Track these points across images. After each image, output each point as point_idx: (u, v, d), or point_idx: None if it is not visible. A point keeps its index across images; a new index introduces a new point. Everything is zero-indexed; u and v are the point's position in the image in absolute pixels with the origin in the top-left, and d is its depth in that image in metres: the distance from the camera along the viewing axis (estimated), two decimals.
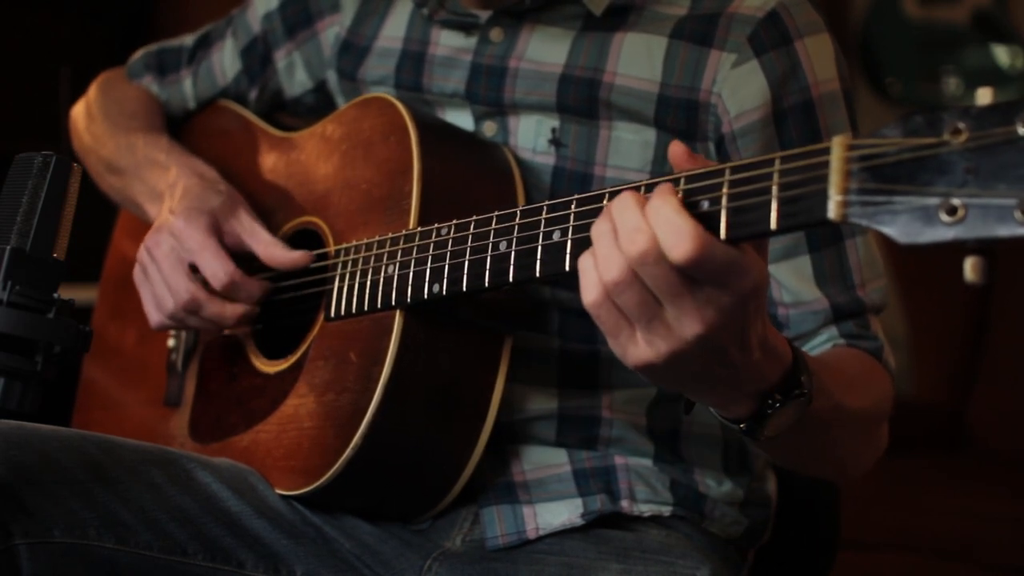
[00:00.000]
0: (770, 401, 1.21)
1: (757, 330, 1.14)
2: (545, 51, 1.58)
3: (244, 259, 1.64)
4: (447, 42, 1.66)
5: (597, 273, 1.11)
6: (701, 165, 1.13)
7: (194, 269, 1.60)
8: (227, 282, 1.58)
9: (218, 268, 1.58)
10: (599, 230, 1.12)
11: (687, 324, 1.09)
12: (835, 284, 1.52)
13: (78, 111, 1.98)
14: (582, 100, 1.55)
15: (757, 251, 1.10)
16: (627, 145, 1.55)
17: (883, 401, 1.51)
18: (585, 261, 1.13)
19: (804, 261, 1.52)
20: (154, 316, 1.64)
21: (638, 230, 1.07)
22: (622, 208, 1.10)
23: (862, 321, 1.54)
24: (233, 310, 1.60)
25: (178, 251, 1.60)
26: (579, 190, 1.54)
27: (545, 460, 1.57)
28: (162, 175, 1.72)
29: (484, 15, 1.62)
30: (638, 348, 1.12)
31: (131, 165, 1.80)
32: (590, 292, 1.12)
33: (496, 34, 1.62)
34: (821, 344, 1.54)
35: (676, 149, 1.15)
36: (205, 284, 1.60)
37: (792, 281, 1.52)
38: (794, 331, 1.54)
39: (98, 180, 1.91)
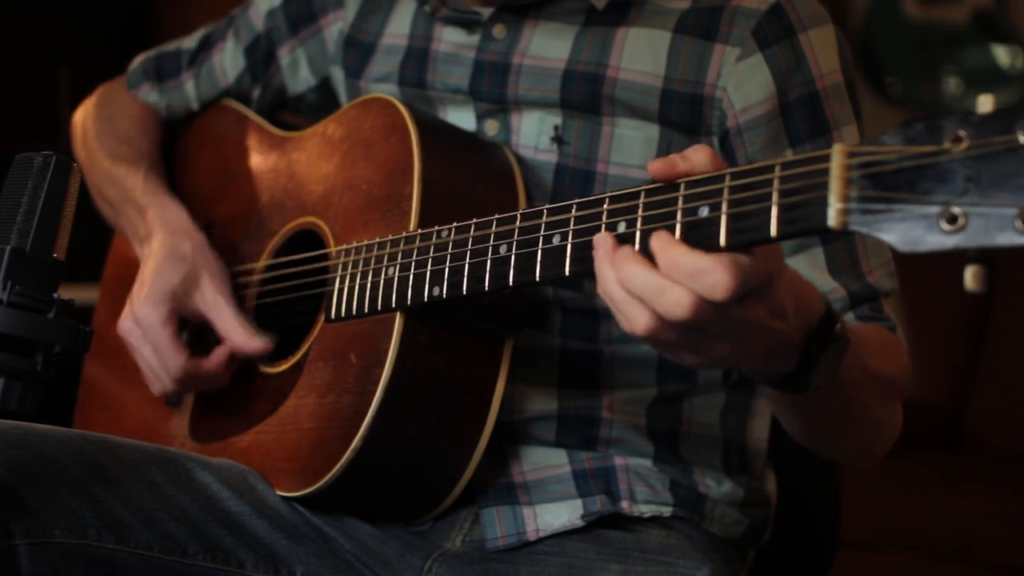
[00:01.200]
0: (813, 347, 1.22)
1: (783, 288, 1.15)
2: (548, 47, 1.58)
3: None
4: (450, 39, 1.66)
5: (629, 323, 1.13)
6: (684, 172, 1.14)
7: None
8: (181, 376, 1.61)
9: (171, 365, 1.61)
10: (612, 291, 1.13)
11: (733, 333, 1.12)
12: (847, 274, 1.54)
13: (78, 119, 1.97)
14: (585, 96, 1.55)
15: None
16: (629, 142, 1.55)
17: (903, 371, 1.51)
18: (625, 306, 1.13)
19: (817, 253, 1.53)
20: (156, 387, 1.66)
21: (666, 290, 1.08)
22: (631, 274, 1.11)
23: (876, 305, 1.55)
24: (227, 376, 1.63)
25: (147, 339, 1.62)
26: (581, 188, 1.54)
27: (545, 461, 1.57)
28: (140, 219, 1.74)
29: (486, 12, 1.61)
30: (691, 359, 1.16)
31: (116, 198, 1.82)
32: (639, 325, 1.12)
33: (499, 31, 1.61)
34: None
35: (655, 166, 1.16)
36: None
37: (808, 272, 1.53)
38: None
39: (93, 196, 1.91)
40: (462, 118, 1.65)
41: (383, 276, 1.45)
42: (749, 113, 1.51)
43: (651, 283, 1.10)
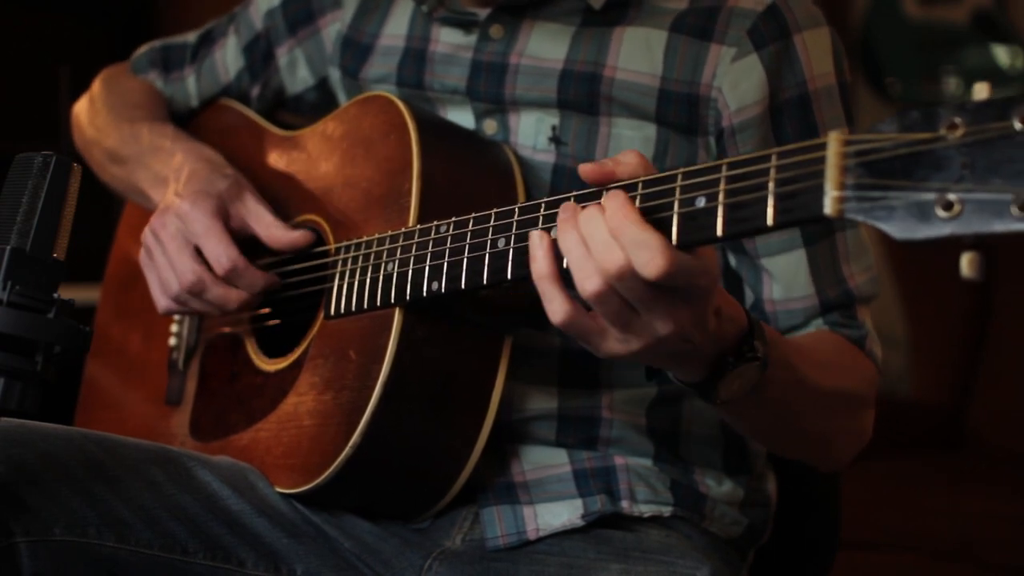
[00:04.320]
0: (722, 363, 1.27)
1: (713, 305, 1.20)
2: (545, 47, 1.59)
3: (250, 248, 1.64)
4: (447, 39, 1.66)
5: (580, 283, 1.17)
6: (614, 174, 1.20)
7: (199, 252, 1.60)
8: (229, 267, 1.57)
9: (221, 253, 1.58)
10: (570, 242, 1.17)
11: (660, 325, 1.17)
12: (828, 277, 1.54)
13: (81, 106, 1.98)
14: (583, 95, 1.55)
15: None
16: (627, 142, 1.55)
17: (861, 385, 1.53)
18: (546, 283, 1.20)
19: (800, 255, 1.54)
20: (160, 300, 1.63)
21: (609, 248, 1.13)
22: (590, 223, 1.16)
23: (848, 312, 1.56)
24: (238, 294, 1.60)
25: (184, 233, 1.59)
26: (579, 188, 1.54)
27: (545, 460, 1.57)
28: (167, 160, 1.72)
29: (483, 12, 1.61)
30: (611, 344, 1.21)
31: (135, 153, 1.80)
32: (559, 312, 1.20)
33: (496, 31, 1.62)
34: (806, 332, 1.57)
35: (587, 169, 1.22)
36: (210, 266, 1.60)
37: (787, 275, 1.54)
38: (782, 326, 1.55)
39: (100, 172, 1.90)
40: (461, 118, 1.65)
41: (382, 272, 1.45)
42: (743, 114, 1.51)
43: (604, 238, 1.14)
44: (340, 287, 1.52)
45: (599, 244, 1.14)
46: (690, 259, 1.13)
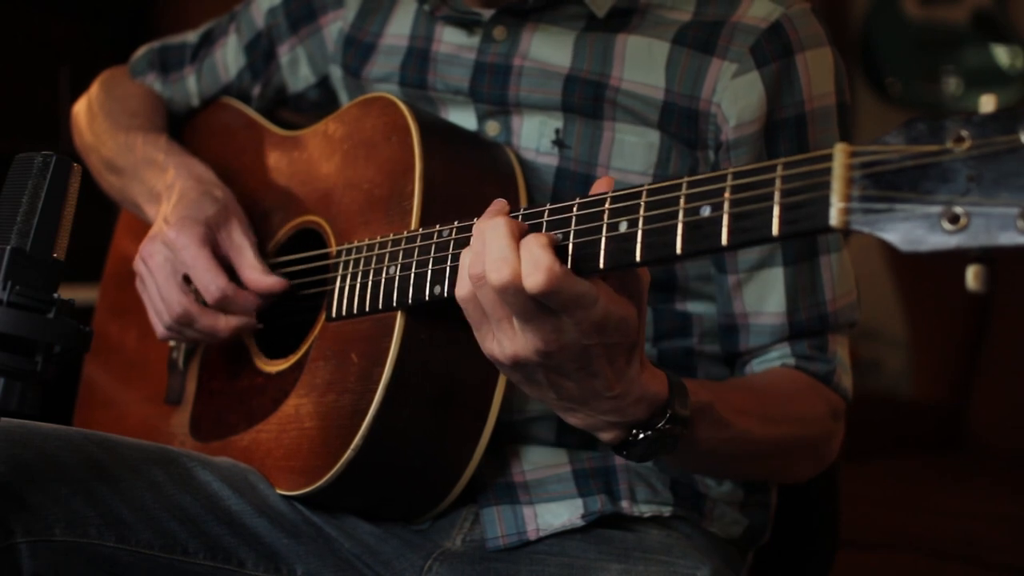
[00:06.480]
0: (634, 432, 1.27)
1: (614, 364, 1.20)
2: (548, 51, 1.58)
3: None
4: (450, 39, 1.66)
5: (467, 269, 1.20)
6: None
7: (188, 280, 1.61)
8: (219, 296, 1.58)
9: (209, 282, 1.58)
10: (476, 229, 1.20)
11: (529, 337, 1.17)
12: (804, 299, 1.54)
13: (80, 108, 1.98)
14: (587, 99, 1.55)
15: (621, 287, 1.18)
16: (630, 147, 1.55)
17: (817, 427, 1.54)
18: (464, 256, 1.22)
19: (776, 273, 1.54)
20: (158, 327, 1.65)
21: (504, 260, 1.15)
22: (495, 235, 1.17)
23: (819, 341, 1.56)
24: (226, 323, 1.60)
25: (172, 262, 1.60)
26: (582, 191, 1.53)
27: (545, 460, 1.57)
28: (160, 176, 1.72)
29: (487, 13, 1.61)
30: (487, 342, 1.22)
31: (130, 165, 1.80)
32: (461, 286, 1.21)
33: (499, 32, 1.61)
34: (771, 361, 1.56)
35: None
36: (199, 296, 1.61)
37: (758, 291, 1.55)
38: (751, 344, 1.57)
39: (98, 178, 1.91)
40: (463, 119, 1.65)
41: (384, 275, 1.45)
42: (741, 130, 1.51)
43: (500, 246, 1.17)
44: (342, 289, 1.51)
45: (494, 257, 1.16)
46: (577, 285, 1.14)
